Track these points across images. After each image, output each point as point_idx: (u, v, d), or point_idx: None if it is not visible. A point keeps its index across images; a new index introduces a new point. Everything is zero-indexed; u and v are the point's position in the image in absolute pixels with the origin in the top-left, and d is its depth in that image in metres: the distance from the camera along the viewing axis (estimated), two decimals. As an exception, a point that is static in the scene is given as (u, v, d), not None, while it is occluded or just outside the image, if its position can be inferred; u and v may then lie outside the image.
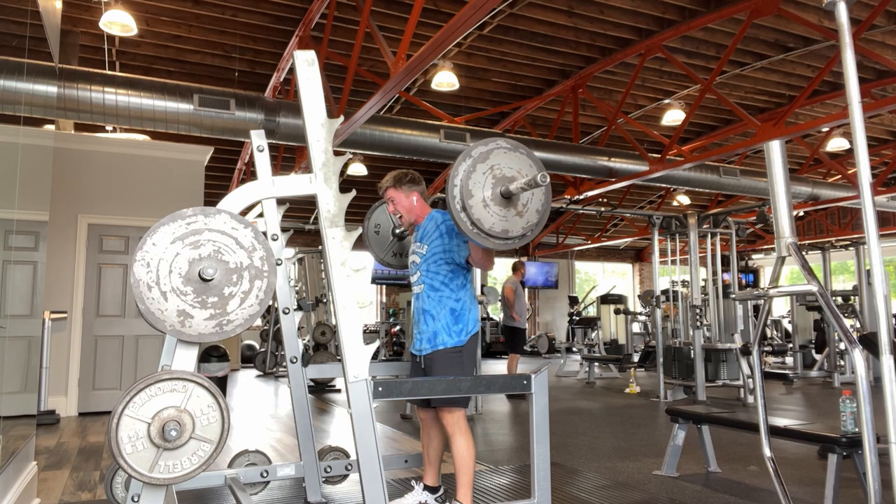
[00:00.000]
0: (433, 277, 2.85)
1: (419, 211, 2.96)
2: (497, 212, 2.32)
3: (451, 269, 2.83)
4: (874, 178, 7.32)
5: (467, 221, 2.30)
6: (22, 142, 3.20)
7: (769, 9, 6.23)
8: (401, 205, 2.95)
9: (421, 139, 7.45)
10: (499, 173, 2.33)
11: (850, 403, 3.01)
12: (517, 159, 2.38)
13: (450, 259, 2.82)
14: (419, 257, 2.91)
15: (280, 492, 3.52)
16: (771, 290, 2.56)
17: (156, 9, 6.66)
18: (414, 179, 2.97)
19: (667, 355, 7.51)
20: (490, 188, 2.31)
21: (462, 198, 2.28)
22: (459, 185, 2.28)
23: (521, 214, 2.37)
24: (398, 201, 2.95)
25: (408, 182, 2.95)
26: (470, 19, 4.22)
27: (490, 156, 2.33)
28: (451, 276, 2.84)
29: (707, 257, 7.61)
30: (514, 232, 2.36)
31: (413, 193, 2.94)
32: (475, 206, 2.28)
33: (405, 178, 2.95)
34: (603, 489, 3.59)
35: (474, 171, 2.30)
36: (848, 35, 2.02)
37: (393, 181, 2.94)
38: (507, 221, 2.34)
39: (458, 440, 2.73)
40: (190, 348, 1.91)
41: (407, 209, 2.95)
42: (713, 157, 8.51)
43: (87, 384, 6.29)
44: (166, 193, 6.68)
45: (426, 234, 2.90)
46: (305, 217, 13.63)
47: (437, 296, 2.83)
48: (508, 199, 2.33)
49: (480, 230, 2.31)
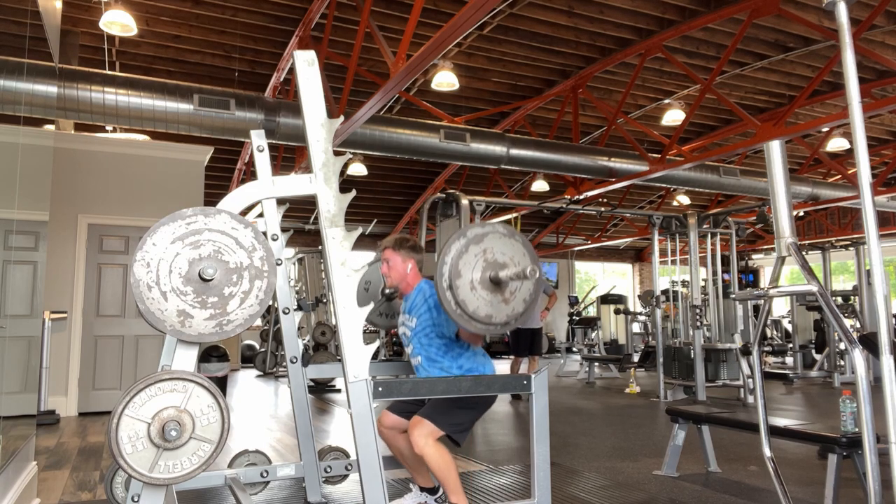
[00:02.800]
0: (427, 349, 2.83)
1: (410, 280, 2.94)
2: (483, 296, 2.30)
3: (444, 342, 2.79)
4: (874, 178, 7.32)
5: (452, 301, 2.27)
6: (22, 142, 3.20)
7: (769, 9, 6.23)
8: (395, 269, 2.93)
9: (421, 139, 7.45)
10: (490, 258, 2.30)
11: (850, 403, 3.01)
12: (511, 246, 2.35)
13: (440, 333, 2.78)
14: (409, 330, 2.89)
15: (280, 492, 3.52)
16: (771, 290, 2.57)
17: (156, 9, 6.66)
18: (414, 247, 2.97)
19: (667, 355, 7.51)
20: (480, 271, 2.28)
21: (450, 277, 2.25)
22: (449, 264, 2.26)
23: (507, 302, 2.34)
24: (393, 264, 2.94)
25: (407, 248, 2.95)
26: (470, 19, 4.22)
27: (484, 239, 2.30)
28: (446, 349, 2.80)
29: (707, 257, 7.61)
30: (497, 318, 2.33)
31: (410, 261, 2.94)
32: (462, 288, 2.26)
33: (406, 243, 2.96)
34: (603, 489, 3.59)
35: (466, 251, 2.27)
36: (848, 35, 2.02)
37: (393, 243, 2.95)
38: (492, 307, 2.31)
39: (427, 454, 2.60)
40: (190, 348, 1.91)
41: (399, 275, 2.94)
42: (713, 157, 8.51)
43: (87, 384, 6.29)
44: (166, 193, 6.68)
45: (414, 306, 2.88)
46: (305, 217, 13.64)
47: (437, 366, 2.79)
48: (497, 285, 2.31)
49: (464, 312, 2.28)
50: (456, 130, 7.67)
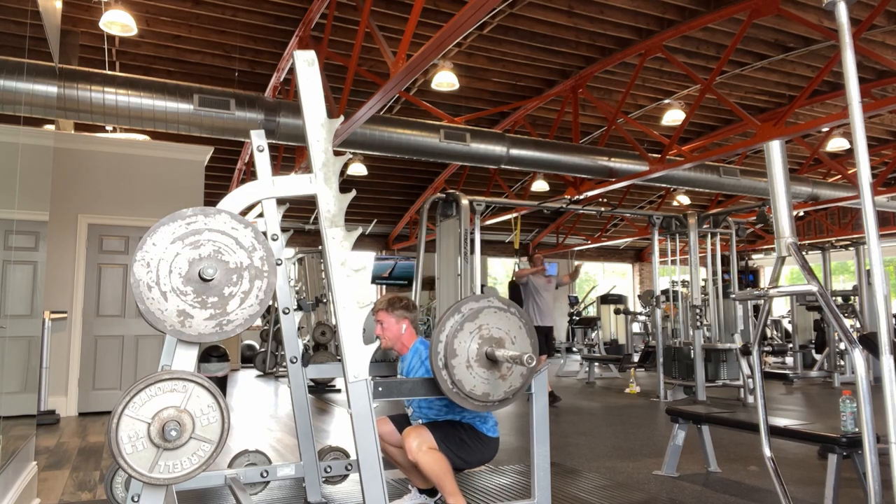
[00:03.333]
0: (427, 413, 2.85)
1: (405, 340, 2.96)
2: (480, 374, 2.28)
3: (444, 402, 2.80)
4: (874, 178, 7.32)
5: (448, 381, 2.26)
6: (22, 142, 3.20)
7: (769, 9, 6.23)
8: (389, 330, 2.95)
9: (421, 139, 7.45)
10: (486, 333, 2.29)
11: (850, 403, 3.01)
12: (507, 320, 2.34)
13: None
14: None
15: (280, 492, 3.52)
16: (771, 290, 2.56)
17: (156, 9, 6.66)
18: (407, 307, 2.99)
19: (667, 355, 7.51)
20: (476, 348, 2.28)
21: (445, 356, 2.25)
22: (444, 342, 2.25)
23: (504, 378, 2.33)
24: (387, 326, 2.95)
25: (401, 308, 2.96)
26: (470, 19, 4.22)
27: (480, 314, 2.30)
28: (447, 410, 2.82)
29: (707, 257, 7.61)
30: (495, 396, 2.32)
31: (403, 321, 2.96)
32: (458, 367, 2.25)
33: (399, 303, 2.97)
34: (603, 489, 3.59)
35: (461, 329, 2.26)
36: (848, 35, 2.02)
37: (387, 304, 2.97)
38: (488, 384, 2.30)
39: (421, 461, 2.63)
40: (190, 348, 1.91)
41: (393, 336, 2.95)
42: (713, 157, 8.50)
43: (87, 384, 6.29)
44: (166, 193, 6.68)
45: (411, 369, 2.89)
46: (305, 217, 13.63)
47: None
48: (493, 362, 2.30)
49: (460, 391, 2.27)
50: (456, 130, 7.67)
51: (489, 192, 12.31)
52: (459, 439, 2.76)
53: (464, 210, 6.85)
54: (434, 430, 2.72)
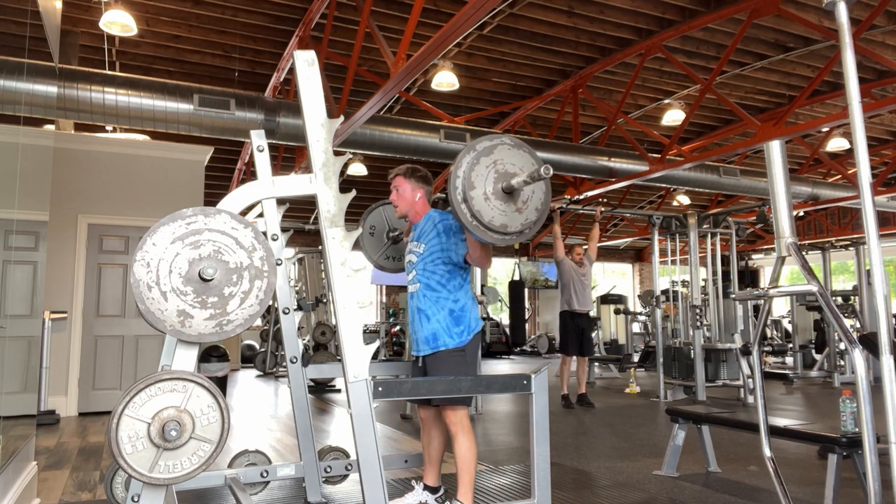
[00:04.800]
0: (430, 277, 2.84)
1: (418, 208, 2.96)
2: (497, 206, 2.33)
3: (449, 269, 2.82)
4: (874, 178, 7.32)
5: (467, 213, 2.31)
6: (22, 142, 3.20)
7: (769, 9, 6.23)
8: (403, 196, 2.96)
9: (421, 139, 7.45)
10: (501, 168, 2.34)
11: (850, 403, 3.01)
12: (520, 157, 2.39)
13: (447, 258, 2.81)
14: (416, 256, 2.90)
15: (280, 492, 3.52)
16: (771, 290, 2.56)
17: (156, 9, 6.66)
18: (425, 178, 3.00)
19: (667, 355, 7.51)
20: (492, 182, 2.33)
21: (464, 189, 2.29)
22: (462, 177, 2.29)
23: (520, 211, 2.38)
24: (402, 191, 2.96)
25: (419, 177, 2.97)
26: (470, 19, 4.22)
27: (494, 150, 2.35)
28: (449, 277, 2.83)
29: (707, 257, 7.61)
30: (512, 227, 2.37)
31: (419, 190, 2.96)
32: (476, 199, 2.30)
33: (417, 172, 2.98)
34: (603, 489, 3.59)
35: (478, 163, 2.31)
36: (848, 35, 2.02)
37: (405, 170, 2.97)
38: (506, 216, 2.35)
39: (461, 440, 2.73)
40: (190, 348, 1.91)
41: (408, 202, 2.96)
42: (713, 157, 8.51)
43: (87, 384, 6.29)
44: (166, 193, 6.68)
45: (423, 233, 2.90)
46: (305, 217, 13.63)
47: (434, 296, 2.82)
48: (510, 195, 2.35)
49: (480, 222, 2.32)
50: (456, 130, 7.67)
51: (489, 192, 12.28)
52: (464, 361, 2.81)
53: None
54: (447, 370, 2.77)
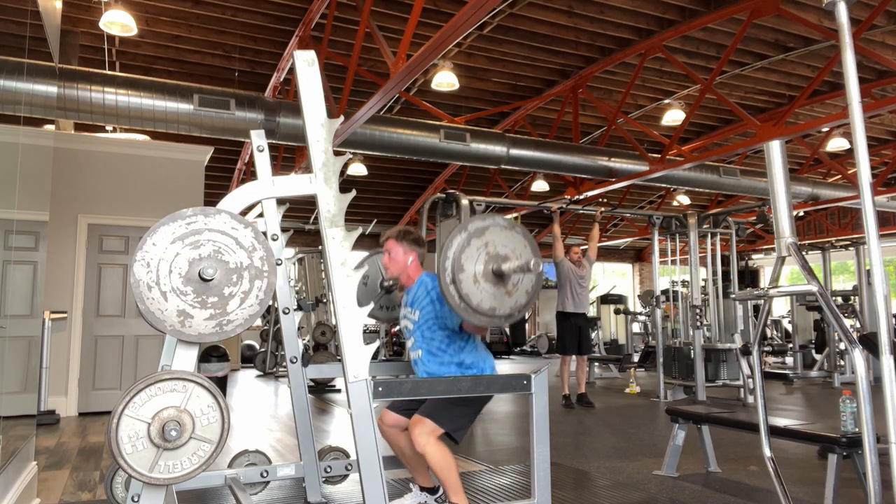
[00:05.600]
0: (430, 343, 2.80)
1: (410, 272, 2.93)
2: (487, 289, 2.30)
3: (447, 333, 2.78)
4: (874, 178, 7.32)
5: (455, 295, 2.28)
6: (22, 142, 3.20)
7: (769, 9, 6.23)
8: (395, 260, 2.93)
9: (421, 139, 7.45)
10: (493, 251, 2.31)
11: (850, 403, 3.01)
12: (512, 238, 2.36)
13: (443, 325, 2.77)
14: (412, 323, 2.87)
15: (280, 492, 3.52)
16: (771, 290, 2.56)
17: (156, 9, 6.66)
18: (417, 240, 2.97)
19: (667, 355, 7.51)
20: (482, 264, 2.29)
21: (453, 271, 2.26)
22: (452, 258, 2.26)
23: (510, 294, 2.35)
24: (394, 255, 2.93)
25: (410, 240, 2.94)
26: (470, 19, 4.22)
27: (486, 232, 2.31)
28: (448, 342, 2.78)
29: (707, 257, 7.61)
30: (501, 311, 2.34)
31: (411, 253, 2.93)
32: (465, 281, 2.27)
33: (409, 235, 2.95)
34: (603, 489, 3.59)
35: (468, 245, 2.27)
36: (848, 35, 2.02)
37: (397, 234, 2.95)
38: (495, 299, 2.32)
39: (429, 451, 2.59)
40: (190, 348, 1.91)
41: (400, 266, 2.93)
42: (713, 157, 8.51)
43: (87, 384, 6.29)
44: (166, 193, 6.68)
45: (416, 299, 2.87)
46: (305, 217, 13.64)
47: (438, 360, 2.78)
48: (499, 278, 2.32)
49: (468, 305, 2.29)
50: (456, 130, 7.67)
51: (489, 192, 12.31)
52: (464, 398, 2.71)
53: (464, 210, 6.85)
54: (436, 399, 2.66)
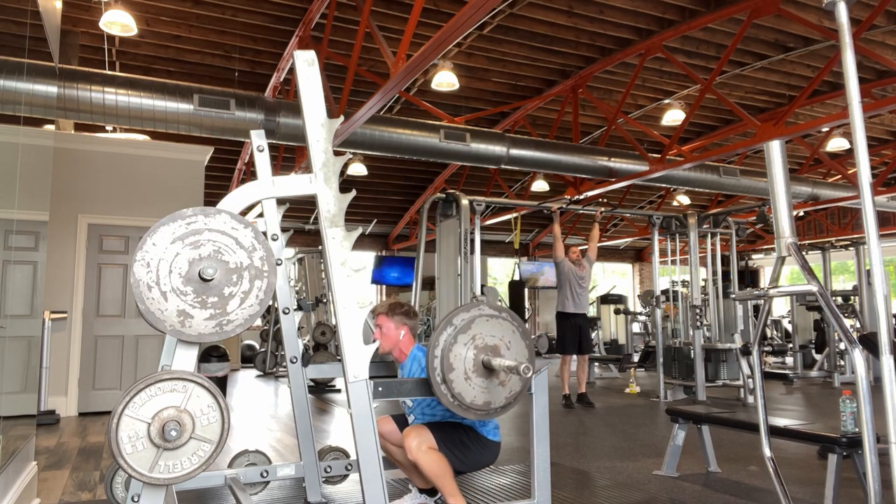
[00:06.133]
0: (431, 418, 2.83)
1: (403, 347, 2.94)
2: (479, 384, 2.28)
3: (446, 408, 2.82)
4: (874, 178, 7.32)
5: (448, 395, 2.26)
6: (22, 142, 3.20)
7: (769, 9, 6.23)
8: (387, 335, 2.94)
9: (421, 139, 7.44)
10: (481, 343, 2.29)
11: (850, 403, 3.01)
12: (500, 326, 2.33)
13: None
14: (411, 401, 2.89)
15: (280, 492, 3.52)
16: (771, 290, 2.56)
17: (156, 9, 6.66)
18: (408, 313, 2.97)
19: (667, 355, 7.51)
20: (472, 358, 2.27)
21: (443, 371, 2.24)
22: (440, 357, 2.25)
23: (503, 384, 2.32)
24: (386, 330, 2.94)
25: (401, 314, 2.95)
26: (470, 19, 4.22)
27: (472, 325, 2.29)
28: (450, 415, 2.79)
29: (707, 257, 7.61)
30: (496, 403, 2.32)
31: (403, 327, 2.94)
32: (456, 381, 2.25)
33: (399, 309, 2.96)
34: (603, 489, 3.59)
35: (455, 342, 2.25)
36: (848, 35, 2.02)
37: (387, 309, 2.95)
38: (488, 393, 2.30)
39: (421, 461, 2.62)
40: (190, 348, 1.91)
41: (391, 341, 2.94)
42: (713, 157, 8.51)
43: (87, 384, 6.29)
44: (166, 193, 6.68)
45: (411, 375, 2.88)
46: (305, 217, 13.63)
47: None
48: (490, 370, 2.29)
49: (461, 403, 2.27)
50: (456, 130, 7.67)
51: (489, 192, 12.30)
52: (460, 441, 2.75)
53: (464, 210, 6.85)
54: (435, 431, 2.71)
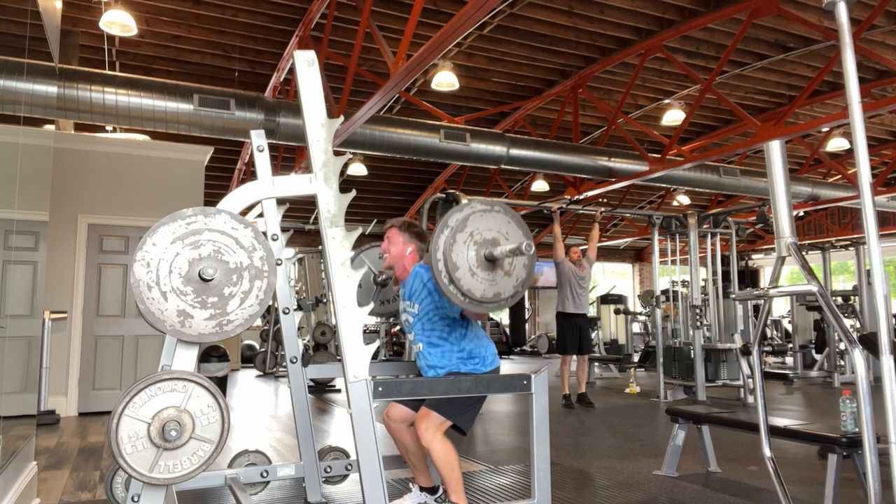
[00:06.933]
0: (430, 335, 2.81)
1: (406, 263, 2.94)
2: (485, 277, 2.28)
3: (448, 322, 2.79)
4: (874, 178, 7.31)
5: (457, 293, 2.26)
6: (22, 142, 3.20)
7: (769, 9, 6.23)
8: (394, 248, 2.94)
9: (421, 139, 7.44)
10: (479, 238, 2.29)
11: (850, 403, 3.01)
12: (495, 219, 2.33)
13: (443, 314, 2.78)
14: (412, 316, 2.88)
15: (280, 492, 3.52)
16: (771, 290, 2.56)
17: (156, 9, 6.66)
18: (420, 235, 2.98)
19: (667, 355, 7.51)
20: (474, 255, 2.27)
21: (448, 271, 2.24)
22: (443, 260, 2.24)
23: (509, 274, 2.33)
24: (394, 243, 2.94)
25: (413, 233, 2.95)
26: (470, 19, 4.22)
27: (467, 222, 2.28)
28: (449, 330, 2.79)
29: (707, 257, 7.61)
30: (505, 293, 2.33)
31: (411, 245, 2.94)
32: (463, 278, 2.25)
33: (413, 228, 2.97)
34: (603, 489, 3.59)
35: (455, 242, 2.25)
36: (848, 35, 2.02)
37: (401, 224, 2.96)
38: (496, 285, 2.30)
39: (434, 447, 2.62)
40: (190, 348, 1.91)
41: (397, 255, 2.93)
42: (713, 157, 8.51)
43: (87, 384, 6.29)
44: (166, 193, 6.68)
45: (413, 292, 2.87)
46: (305, 217, 13.64)
47: (439, 351, 2.79)
48: (494, 262, 2.30)
49: (472, 299, 2.27)
50: (456, 130, 7.67)
51: (489, 192, 12.31)
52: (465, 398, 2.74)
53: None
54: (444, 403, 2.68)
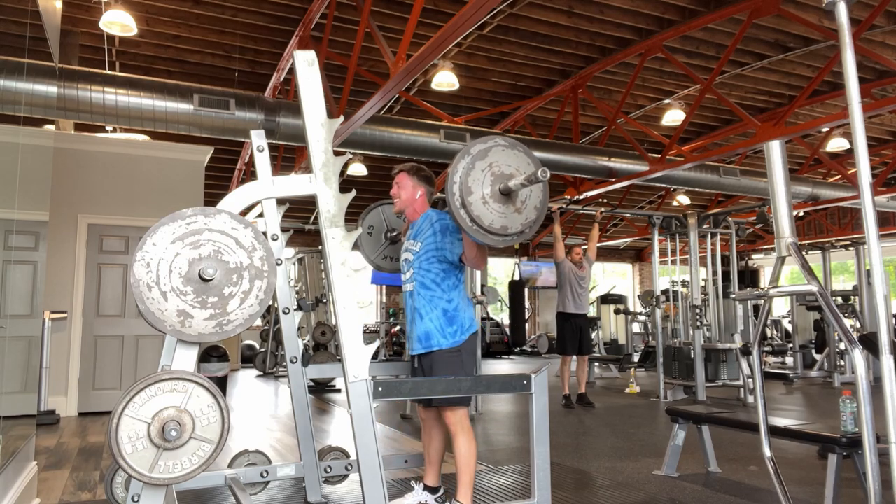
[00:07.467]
0: (424, 275, 2.85)
1: (417, 206, 2.97)
2: (496, 208, 2.34)
3: (444, 267, 2.83)
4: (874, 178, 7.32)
5: (467, 218, 2.31)
6: (22, 142, 3.20)
7: (769, 9, 6.23)
8: (404, 191, 2.97)
9: (421, 139, 7.45)
10: (497, 171, 2.34)
11: (850, 403, 3.01)
12: (515, 157, 2.39)
13: (442, 257, 2.82)
14: (412, 254, 2.91)
15: (280, 492, 3.52)
16: (771, 290, 2.56)
17: (156, 9, 6.66)
18: (428, 178, 3.01)
19: (667, 355, 7.51)
20: (489, 185, 2.33)
21: (462, 195, 2.29)
22: (459, 182, 2.30)
23: (519, 211, 2.39)
24: (403, 187, 2.97)
25: (422, 176, 2.99)
26: (470, 19, 4.22)
27: (489, 153, 2.34)
28: (443, 276, 2.84)
29: (707, 257, 7.61)
30: (512, 228, 2.38)
31: (420, 188, 2.97)
32: (475, 203, 2.30)
33: (421, 172, 3.00)
34: (603, 489, 3.59)
35: (473, 168, 2.31)
36: (848, 35, 2.02)
37: (409, 167, 3.00)
38: (505, 218, 2.36)
39: (460, 440, 2.74)
40: (190, 348, 1.91)
41: (407, 199, 2.97)
42: (713, 157, 8.51)
43: (87, 384, 6.29)
44: (166, 193, 6.68)
45: (420, 231, 2.92)
46: (305, 217, 13.63)
47: (429, 295, 2.83)
48: (507, 196, 2.35)
49: (480, 227, 2.32)
50: (456, 130, 7.67)
51: (489, 192, 12.28)
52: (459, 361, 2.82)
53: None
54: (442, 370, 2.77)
